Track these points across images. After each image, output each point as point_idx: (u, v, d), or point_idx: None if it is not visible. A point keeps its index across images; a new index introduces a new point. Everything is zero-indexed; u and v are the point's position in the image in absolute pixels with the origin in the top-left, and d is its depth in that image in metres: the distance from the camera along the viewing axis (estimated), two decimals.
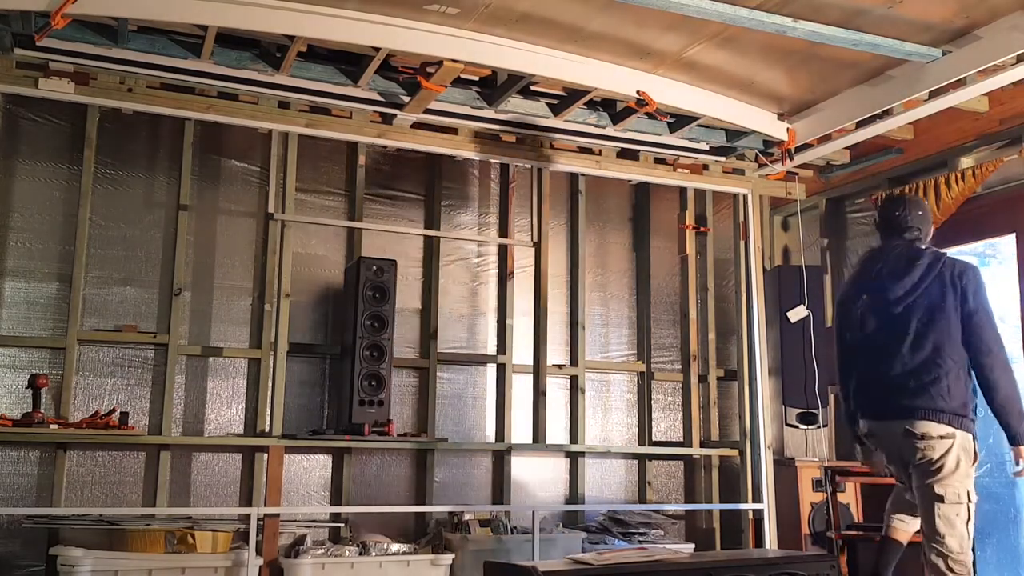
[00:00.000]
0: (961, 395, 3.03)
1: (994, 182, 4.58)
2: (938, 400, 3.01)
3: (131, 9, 3.73)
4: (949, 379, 3.03)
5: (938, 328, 3.08)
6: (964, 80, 4.10)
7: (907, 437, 3.06)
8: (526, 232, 5.39)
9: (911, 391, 3.07)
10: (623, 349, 5.66)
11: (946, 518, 3.01)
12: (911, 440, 3.05)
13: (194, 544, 3.97)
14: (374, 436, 4.39)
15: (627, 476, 5.48)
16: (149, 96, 4.38)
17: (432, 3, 3.82)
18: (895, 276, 3.19)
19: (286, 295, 4.68)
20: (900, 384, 3.11)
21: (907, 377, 3.10)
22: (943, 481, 3.02)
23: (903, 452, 3.11)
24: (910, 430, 3.06)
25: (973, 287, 3.10)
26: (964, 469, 3.02)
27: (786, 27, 3.71)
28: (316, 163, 5.03)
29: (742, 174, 5.53)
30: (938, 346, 3.08)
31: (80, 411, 4.37)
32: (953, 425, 3.02)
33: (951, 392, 3.02)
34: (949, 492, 3.01)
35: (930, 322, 3.10)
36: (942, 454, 3.01)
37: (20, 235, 4.45)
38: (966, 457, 3.03)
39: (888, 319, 3.19)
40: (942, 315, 3.09)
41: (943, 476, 3.02)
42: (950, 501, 3.01)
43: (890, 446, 3.19)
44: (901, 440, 3.09)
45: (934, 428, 3.01)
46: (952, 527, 3.00)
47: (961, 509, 3.01)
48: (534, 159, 5.13)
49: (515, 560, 4.30)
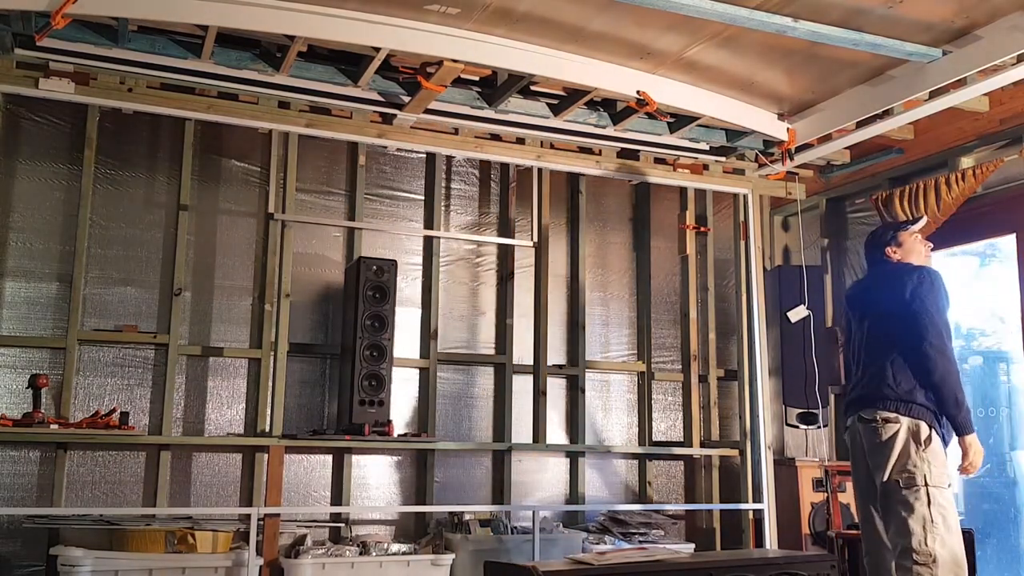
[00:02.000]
0: (907, 383, 3.18)
1: (994, 182, 4.58)
2: (884, 388, 3.20)
3: (131, 9, 3.73)
4: (894, 367, 3.21)
5: (886, 325, 3.31)
6: (964, 80, 4.10)
7: (861, 423, 3.26)
8: (526, 232, 5.39)
9: (864, 383, 3.31)
10: (623, 349, 5.66)
11: (904, 502, 3.10)
12: (864, 425, 3.24)
13: (194, 544, 3.97)
14: (374, 436, 4.39)
15: (627, 476, 5.48)
16: (149, 96, 4.38)
17: (432, 3, 3.82)
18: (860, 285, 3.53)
19: (286, 295, 4.68)
20: (859, 378, 3.37)
21: (864, 372, 3.35)
22: (897, 465, 3.14)
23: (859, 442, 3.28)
24: (863, 416, 3.25)
25: (915, 283, 3.28)
26: (916, 453, 3.12)
27: (786, 27, 3.71)
28: (316, 163, 5.03)
29: (742, 174, 5.53)
30: (887, 339, 3.29)
31: (80, 411, 4.37)
32: (900, 412, 3.17)
33: (896, 379, 3.19)
34: (904, 477, 3.12)
35: (879, 320, 3.35)
36: (889, 436, 3.15)
37: (20, 235, 4.45)
38: (915, 441, 3.14)
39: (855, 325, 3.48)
40: (889, 313, 3.31)
41: (894, 459, 3.14)
42: (906, 485, 3.10)
43: (853, 436, 3.35)
44: (859, 428, 3.27)
45: (880, 413, 3.19)
46: (912, 510, 3.08)
47: (920, 492, 3.08)
48: (534, 159, 5.14)
49: (515, 560, 4.30)
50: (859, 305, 3.51)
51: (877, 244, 3.58)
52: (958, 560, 3.05)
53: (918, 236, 3.58)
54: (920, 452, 3.12)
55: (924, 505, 3.06)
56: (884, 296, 3.36)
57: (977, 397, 5.65)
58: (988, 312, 5.68)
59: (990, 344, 5.71)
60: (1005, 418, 5.57)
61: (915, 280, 3.29)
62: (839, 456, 5.37)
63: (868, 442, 3.23)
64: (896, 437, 3.14)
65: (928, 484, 3.08)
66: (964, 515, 5.44)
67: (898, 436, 3.14)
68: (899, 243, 3.52)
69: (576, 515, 5.15)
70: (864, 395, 3.28)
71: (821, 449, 5.30)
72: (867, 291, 3.50)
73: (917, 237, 3.57)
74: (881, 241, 3.57)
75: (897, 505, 3.11)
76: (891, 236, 3.55)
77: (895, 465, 3.14)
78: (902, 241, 3.53)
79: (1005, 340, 5.33)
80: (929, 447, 3.12)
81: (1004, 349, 5.47)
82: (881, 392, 3.21)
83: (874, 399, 3.22)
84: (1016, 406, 5.45)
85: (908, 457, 3.12)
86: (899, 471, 3.13)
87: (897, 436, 3.15)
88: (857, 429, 3.30)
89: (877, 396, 3.22)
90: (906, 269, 3.40)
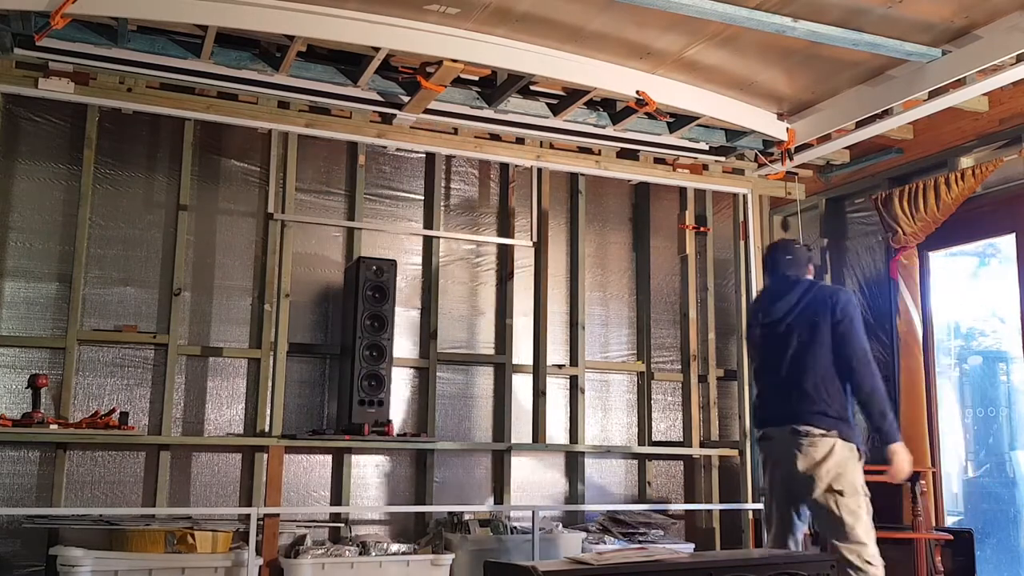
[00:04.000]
0: (839, 399, 3.34)
1: (994, 182, 4.58)
2: (819, 405, 3.32)
3: (131, 9, 3.73)
4: (826, 385, 3.35)
5: (815, 343, 3.41)
6: (964, 80, 4.10)
7: (794, 436, 3.34)
8: (526, 232, 5.38)
9: (794, 398, 3.39)
10: (623, 349, 5.66)
11: (849, 509, 3.23)
12: (797, 439, 3.33)
13: (194, 544, 3.97)
14: (374, 436, 4.39)
15: (627, 476, 5.48)
16: (149, 96, 4.38)
17: (432, 3, 3.82)
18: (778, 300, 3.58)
19: (286, 295, 4.68)
20: (785, 393, 3.45)
21: (788, 385, 3.43)
22: (837, 478, 3.26)
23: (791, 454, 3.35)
24: (796, 429, 3.34)
25: (841, 304, 3.42)
26: (852, 464, 3.28)
27: (786, 27, 3.71)
28: (316, 163, 5.03)
29: (742, 174, 5.53)
30: (814, 359, 3.40)
31: (80, 411, 4.37)
32: (835, 429, 3.30)
33: (829, 396, 3.33)
34: (846, 486, 3.24)
35: (808, 338, 3.43)
36: (827, 452, 3.28)
37: (20, 235, 4.45)
38: (850, 454, 3.29)
39: (775, 338, 3.55)
40: (818, 331, 3.42)
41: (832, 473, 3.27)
42: (849, 494, 3.24)
43: (781, 448, 3.42)
44: (789, 440, 3.35)
45: (816, 430, 3.30)
46: (858, 519, 3.22)
47: (861, 500, 3.25)
48: (533, 159, 5.13)
49: (515, 560, 4.30)
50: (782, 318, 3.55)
51: (798, 261, 3.69)
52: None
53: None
54: (856, 464, 3.30)
55: (866, 513, 3.24)
56: (814, 314, 3.45)
57: (977, 397, 5.65)
58: (988, 312, 5.68)
59: (990, 344, 5.71)
60: (1005, 418, 5.57)
61: (843, 300, 3.45)
62: None
63: (803, 457, 3.31)
64: (833, 452, 3.27)
65: (864, 494, 3.27)
66: (964, 515, 5.44)
67: (835, 451, 3.28)
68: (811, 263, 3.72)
69: (576, 515, 5.14)
70: (798, 411, 3.36)
71: None
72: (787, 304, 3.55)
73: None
74: (803, 258, 3.70)
75: (844, 512, 3.23)
76: (810, 255, 3.73)
77: (834, 478, 3.26)
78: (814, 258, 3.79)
79: (1005, 340, 5.34)
80: (861, 460, 3.32)
81: (1004, 349, 5.47)
82: (817, 409, 3.32)
83: (809, 416, 3.33)
84: (1016, 406, 5.45)
85: (845, 469, 3.26)
86: (839, 483, 3.25)
87: (834, 451, 3.28)
88: (786, 442, 3.38)
89: (813, 413, 3.32)
90: (830, 289, 3.59)
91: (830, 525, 3.29)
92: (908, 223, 4.77)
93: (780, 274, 3.67)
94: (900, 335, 4.82)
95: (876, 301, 5.28)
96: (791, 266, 3.65)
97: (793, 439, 3.34)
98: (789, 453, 3.36)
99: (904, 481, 3.50)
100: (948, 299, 5.18)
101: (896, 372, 4.83)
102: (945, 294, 5.12)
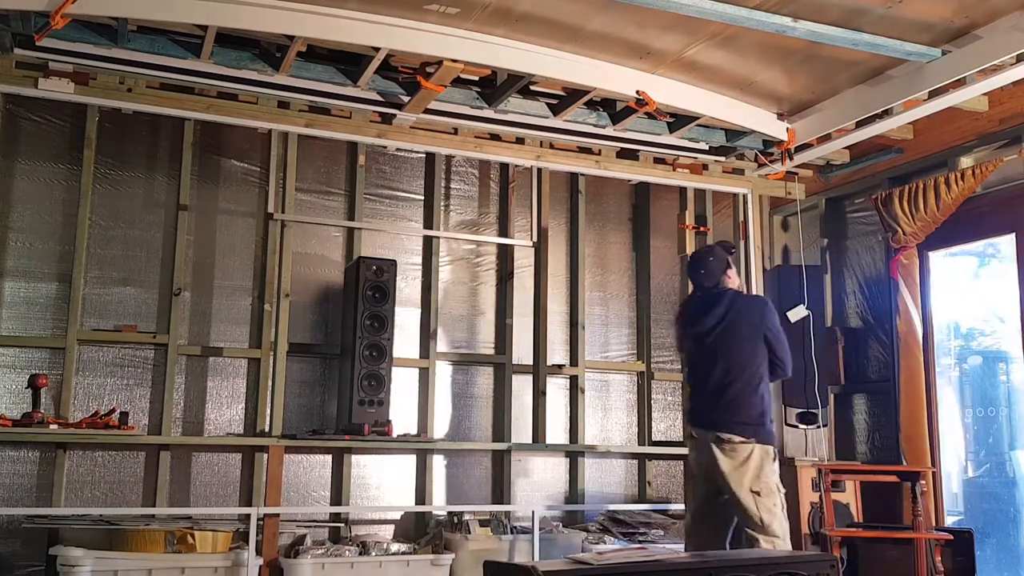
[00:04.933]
0: (757, 408, 3.59)
1: (994, 182, 4.58)
2: (739, 414, 3.58)
3: (131, 9, 3.73)
4: (747, 395, 3.61)
5: (741, 352, 3.66)
6: (964, 80, 4.10)
7: (718, 441, 3.60)
8: (526, 232, 5.38)
9: (720, 407, 3.64)
10: (623, 349, 5.66)
11: (766, 508, 3.51)
12: (720, 444, 3.59)
13: (194, 544, 3.97)
14: (374, 436, 4.38)
15: (627, 476, 5.48)
16: (149, 96, 4.38)
17: (432, 3, 3.82)
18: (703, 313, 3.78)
19: (286, 295, 4.68)
20: (708, 399, 3.70)
21: (714, 394, 3.68)
22: (756, 479, 3.53)
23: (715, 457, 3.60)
24: (719, 436, 3.60)
25: (766, 318, 3.70)
26: (768, 466, 3.56)
27: (786, 27, 3.71)
28: (315, 163, 5.03)
29: (742, 174, 5.53)
30: (742, 368, 3.64)
31: (80, 411, 4.37)
32: (753, 436, 3.56)
33: (749, 407, 3.59)
34: (763, 487, 3.52)
35: (733, 348, 3.68)
36: (746, 457, 3.55)
37: (20, 235, 4.44)
38: (767, 457, 3.57)
39: (702, 347, 3.78)
40: (742, 345, 3.67)
41: (751, 475, 3.53)
42: (765, 494, 3.52)
43: (705, 450, 3.65)
44: (714, 444, 3.60)
45: (736, 437, 3.57)
46: (773, 515, 3.51)
47: (777, 499, 3.53)
48: (533, 159, 5.13)
49: (515, 560, 4.30)
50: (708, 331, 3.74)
51: (716, 270, 3.85)
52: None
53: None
54: (769, 466, 3.56)
55: (781, 510, 3.53)
56: (738, 328, 3.69)
57: (976, 397, 5.66)
58: (988, 312, 5.68)
59: (989, 344, 5.72)
60: (1004, 418, 5.57)
61: (766, 314, 3.72)
62: (839, 456, 5.38)
63: (725, 460, 3.57)
64: (751, 457, 3.54)
65: (779, 491, 3.55)
66: (964, 515, 5.44)
67: (753, 455, 3.54)
68: (731, 267, 3.88)
69: (576, 515, 5.14)
70: (722, 420, 3.61)
71: (820, 449, 5.30)
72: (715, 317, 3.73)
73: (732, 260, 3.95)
74: (721, 266, 3.86)
75: (763, 512, 3.51)
76: (728, 262, 3.87)
77: (752, 480, 3.53)
78: (732, 264, 3.90)
79: (1005, 340, 5.34)
80: (775, 461, 3.60)
81: (1003, 349, 5.48)
82: (738, 419, 3.58)
83: (731, 425, 3.58)
84: (1015, 406, 5.45)
85: (762, 472, 3.54)
86: (756, 485, 3.53)
87: (752, 455, 3.54)
88: (711, 445, 3.62)
89: (735, 423, 3.58)
90: (753, 304, 3.80)
91: (749, 521, 3.56)
92: (908, 223, 4.77)
93: (702, 285, 3.88)
94: (900, 335, 4.82)
95: (876, 301, 5.28)
96: (710, 277, 3.84)
97: (717, 444, 3.59)
98: (713, 455, 3.61)
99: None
100: (948, 299, 5.18)
101: (896, 372, 4.83)
102: (945, 294, 5.13)
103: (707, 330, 3.74)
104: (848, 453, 5.34)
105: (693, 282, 3.99)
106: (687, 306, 4.01)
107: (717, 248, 3.97)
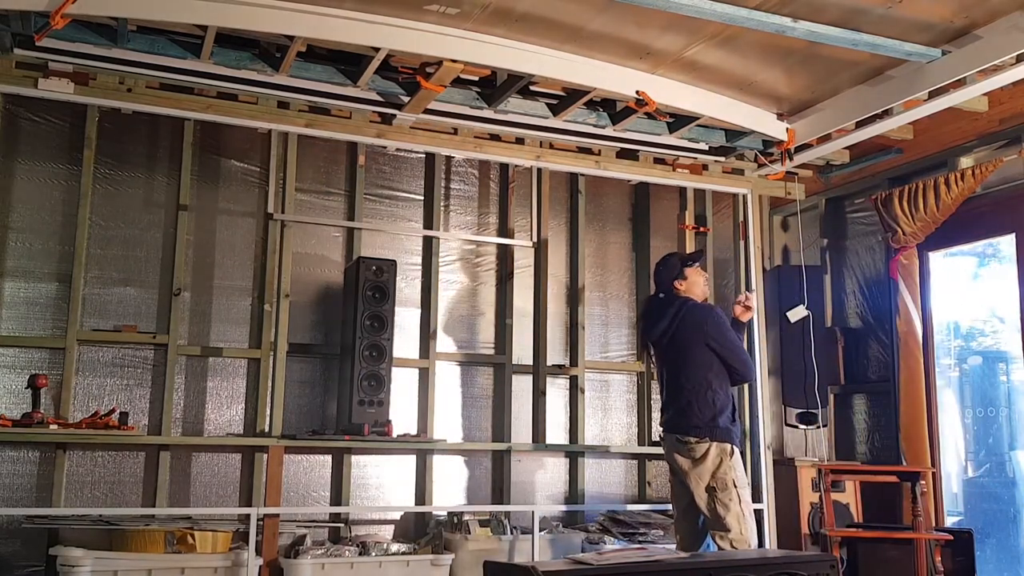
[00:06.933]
0: (709, 410, 3.73)
1: (994, 182, 4.58)
2: (692, 418, 3.75)
3: (131, 9, 3.73)
4: (697, 400, 3.75)
5: (688, 360, 3.80)
6: (964, 80, 4.09)
7: (676, 444, 3.79)
8: (526, 232, 5.38)
9: (676, 410, 3.82)
10: (623, 349, 5.66)
11: (722, 503, 3.67)
12: (679, 446, 3.78)
13: (194, 544, 3.97)
14: (374, 436, 4.38)
15: (627, 476, 5.48)
16: (148, 96, 4.38)
17: (431, 3, 3.82)
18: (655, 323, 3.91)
19: (286, 295, 4.68)
20: (668, 404, 3.89)
21: (672, 399, 3.86)
22: (713, 476, 3.69)
23: (676, 457, 3.79)
24: (678, 438, 3.78)
25: (711, 327, 3.80)
26: (725, 464, 3.70)
27: (785, 27, 3.71)
28: (315, 163, 5.03)
29: (742, 174, 5.53)
30: (689, 374, 3.79)
31: (80, 411, 4.37)
32: (708, 436, 3.72)
33: (700, 410, 3.74)
34: (719, 483, 3.68)
35: (681, 356, 3.83)
36: (702, 455, 3.71)
37: (20, 235, 4.44)
38: (725, 453, 3.71)
39: (659, 352, 3.95)
40: (690, 350, 3.80)
41: (709, 472, 3.70)
42: (721, 489, 3.67)
43: (669, 451, 3.86)
44: (676, 445, 3.79)
45: (692, 439, 3.74)
46: (728, 509, 3.66)
47: (733, 493, 3.67)
48: (533, 159, 5.13)
49: (515, 560, 4.30)
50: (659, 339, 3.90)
51: (665, 277, 3.97)
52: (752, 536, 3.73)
53: (698, 268, 4.00)
54: (727, 463, 3.70)
55: (737, 504, 3.66)
56: (686, 337, 3.81)
57: (976, 397, 5.66)
58: (988, 312, 5.69)
59: (990, 344, 5.72)
60: (1004, 418, 5.58)
61: (711, 323, 3.81)
62: (839, 456, 5.38)
63: (685, 460, 3.75)
64: (708, 455, 3.70)
65: (737, 487, 3.68)
66: (964, 515, 5.45)
67: (709, 454, 3.70)
68: (684, 277, 3.93)
69: (576, 515, 5.14)
70: (679, 424, 3.79)
71: (820, 449, 5.30)
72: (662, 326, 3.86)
73: (698, 269, 4.00)
74: (671, 274, 3.96)
75: (718, 506, 3.67)
76: (679, 271, 3.94)
77: (711, 476, 3.69)
78: (687, 275, 3.94)
79: (1005, 340, 5.34)
80: (733, 457, 3.71)
81: (1004, 349, 5.48)
82: (692, 423, 3.74)
83: (687, 428, 3.75)
84: (1015, 406, 5.46)
85: (719, 468, 3.69)
86: (713, 481, 3.69)
87: (709, 454, 3.70)
88: (673, 446, 3.81)
89: (690, 425, 3.74)
90: (699, 313, 3.85)
91: (707, 516, 3.73)
92: (908, 223, 4.77)
93: (656, 292, 4.02)
94: (900, 335, 4.82)
95: (876, 301, 5.28)
96: (660, 285, 3.99)
97: (677, 445, 3.79)
98: (674, 456, 3.81)
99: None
100: (948, 299, 5.18)
101: (896, 372, 4.83)
102: (945, 294, 5.13)
103: (656, 338, 3.91)
104: (848, 453, 5.34)
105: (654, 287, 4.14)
106: (645, 313, 4.13)
107: (672, 257, 4.08)
